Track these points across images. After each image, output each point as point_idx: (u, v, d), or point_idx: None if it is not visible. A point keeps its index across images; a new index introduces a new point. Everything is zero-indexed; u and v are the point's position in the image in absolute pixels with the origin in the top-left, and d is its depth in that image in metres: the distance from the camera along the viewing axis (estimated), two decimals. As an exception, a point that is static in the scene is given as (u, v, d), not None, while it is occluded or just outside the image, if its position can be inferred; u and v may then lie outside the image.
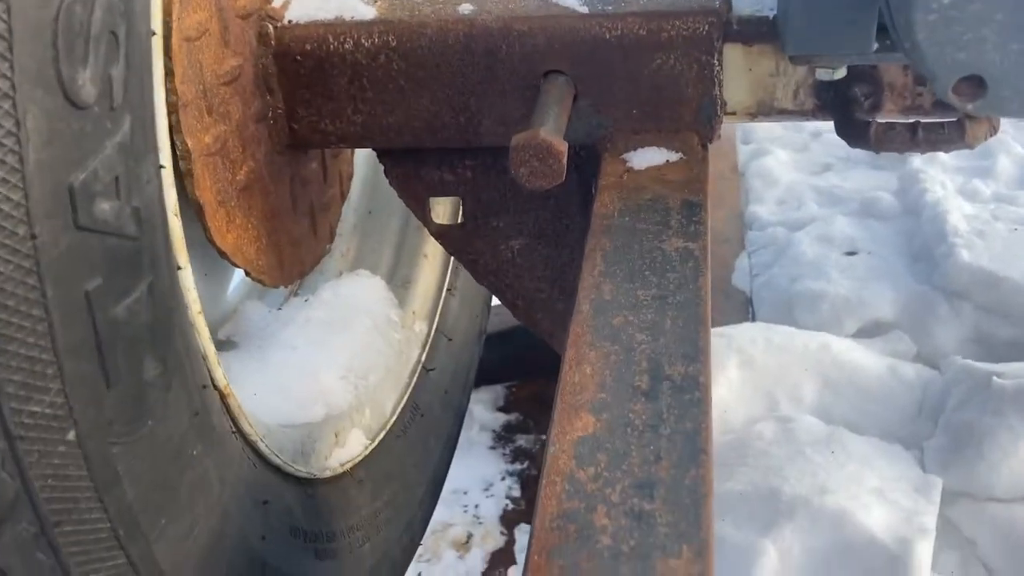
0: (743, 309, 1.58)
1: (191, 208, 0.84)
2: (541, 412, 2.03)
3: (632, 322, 0.73)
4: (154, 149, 0.57)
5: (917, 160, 1.69)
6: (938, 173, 1.67)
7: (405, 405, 1.20)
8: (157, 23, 0.65)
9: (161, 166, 0.60)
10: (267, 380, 1.05)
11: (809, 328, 1.45)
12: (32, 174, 0.43)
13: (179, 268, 0.63)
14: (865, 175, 1.75)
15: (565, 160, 0.83)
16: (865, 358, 1.30)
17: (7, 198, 0.43)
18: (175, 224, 0.63)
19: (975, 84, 0.56)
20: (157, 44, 0.66)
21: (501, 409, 2.02)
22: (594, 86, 0.93)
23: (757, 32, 0.90)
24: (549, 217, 1.07)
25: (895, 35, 0.58)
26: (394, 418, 1.17)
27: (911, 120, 0.84)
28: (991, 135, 0.82)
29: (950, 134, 0.82)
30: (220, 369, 0.76)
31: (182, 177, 0.81)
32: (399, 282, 1.36)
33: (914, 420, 1.23)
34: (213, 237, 0.88)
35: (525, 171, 0.84)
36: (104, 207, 0.48)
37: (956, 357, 1.32)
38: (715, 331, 1.36)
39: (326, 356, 1.14)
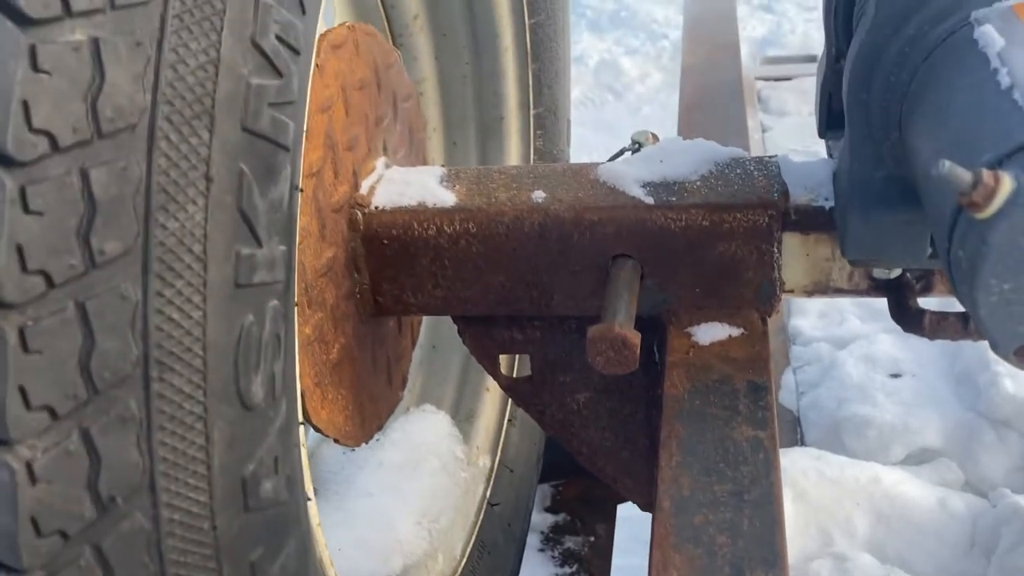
0: (792, 429, 1.63)
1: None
2: (589, 512, 2.06)
3: (712, 521, 0.78)
4: (297, 413, 0.64)
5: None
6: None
7: (474, 545, 1.26)
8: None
9: (301, 422, 0.66)
10: (349, 533, 1.11)
11: (858, 453, 1.50)
12: (216, 476, 0.50)
13: (308, 499, 0.70)
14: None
15: (638, 351, 0.90)
16: (915, 490, 1.34)
17: (196, 500, 0.50)
18: (306, 464, 0.70)
19: (1033, 351, 0.62)
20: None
21: (549, 509, 2.05)
22: (660, 269, 1.00)
23: (814, 222, 0.97)
24: (616, 376, 1.14)
25: (957, 290, 0.64)
26: (464, 560, 1.23)
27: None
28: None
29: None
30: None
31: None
32: (463, 416, 1.42)
33: (967, 555, 1.27)
34: (309, 416, 0.95)
35: (601, 360, 0.91)
36: (267, 486, 0.55)
37: (1006, 490, 1.36)
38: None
39: (401, 502, 1.20)
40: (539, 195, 1.03)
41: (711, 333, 1.00)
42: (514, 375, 1.23)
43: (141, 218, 0.48)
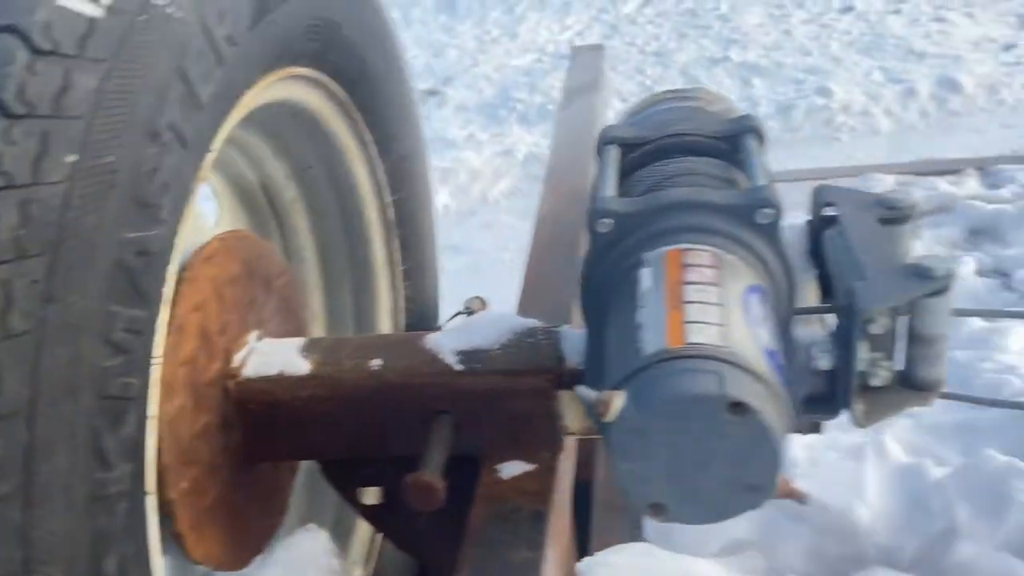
0: (637, 525, 1.89)
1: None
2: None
3: (481, 628, 1.04)
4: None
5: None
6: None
7: (349, 648, 1.49)
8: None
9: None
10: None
11: (684, 546, 1.77)
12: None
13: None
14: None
15: (442, 493, 1.17)
16: (720, 578, 1.61)
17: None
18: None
19: (660, 508, 0.90)
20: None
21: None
22: (472, 421, 1.27)
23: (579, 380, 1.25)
24: (453, 502, 1.40)
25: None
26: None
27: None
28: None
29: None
30: None
31: (164, 520, 1.14)
32: (341, 532, 1.67)
33: (759, 633, 1.54)
34: (190, 553, 1.20)
35: (415, 500, 1.18)
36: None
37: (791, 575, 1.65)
38: (598, 556, 1.68)
39: (279, 615, 1.43)
40: (376, 363, 1.30)
41: (512, 469, 1.28)
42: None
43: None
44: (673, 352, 0.87)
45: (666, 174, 1.18)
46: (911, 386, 1.13)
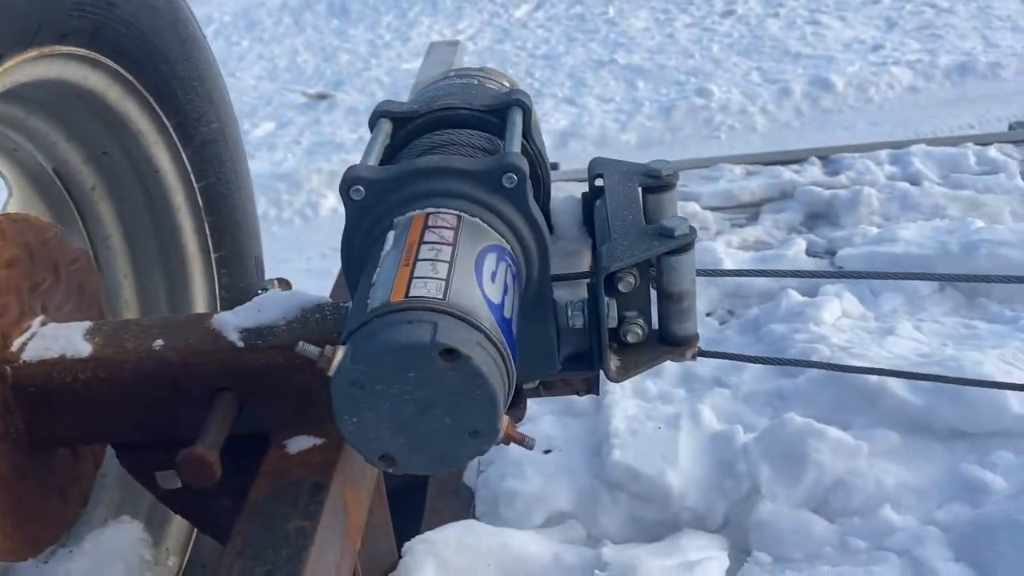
0: (468, 504, 1.92)
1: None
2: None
3: (245, 595, 1.05)
4: None
5: (608, 363, 2.11)
6: (622, 374, 2.08)
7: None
8: None
9: None
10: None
11: (509, 521, 1.81)
12: None
13: None
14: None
15: (215, 468, 1.17)
16: (537, 548, 1.64)
17: None
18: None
19: (389, 459, 0.92)
20: None
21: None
22: (255, 398, 1.28)
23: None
24: (247, 481, 1.40)
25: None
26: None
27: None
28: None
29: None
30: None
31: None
32: (156, 522, 1.64)
33: (574, 598, 1.58)
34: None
35: (188, 476, 1.18)
36: None
37: (607, 541, 1.70)
38: (419, 538, 1.70)
39: (82, 606, 1.40)
40: (159, 343, 1.29)
41: (299, 444, 1.28)
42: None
43: None
44: (392, 306, 0.90)
45: (431, 145, 1.21)
46: (666, 342, 1.19)
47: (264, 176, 6.56)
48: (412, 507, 2.05)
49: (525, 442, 0.96)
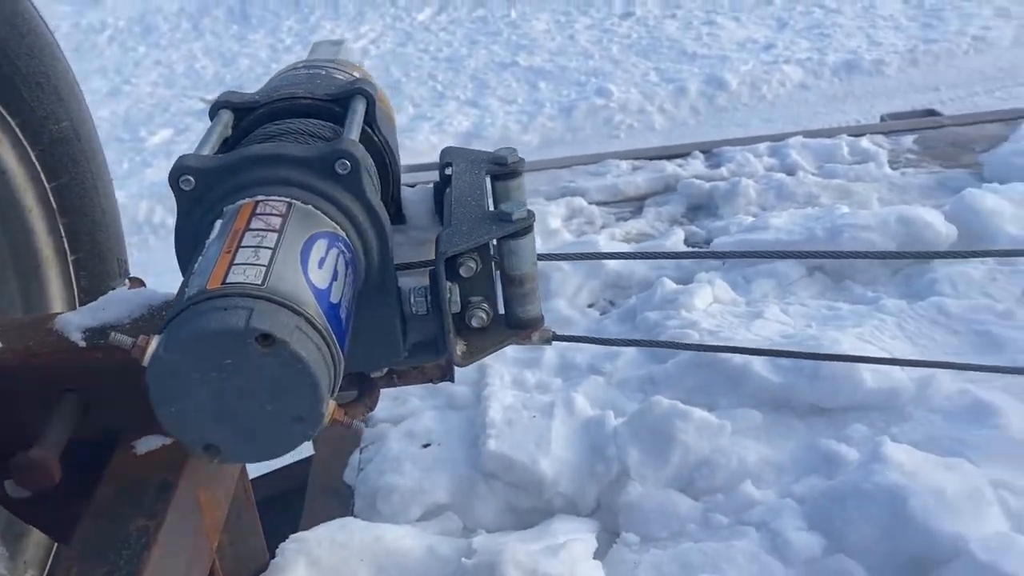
0: (347, 503, 1.91)
1: None
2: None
3: (81, 598, 1.02)
4: None
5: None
6: (502, 366, 2.10)
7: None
8: None
9: None
10: None
11: (387, 516, 1.80)
12: None
13: None
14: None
15: (55, 471, 1.13)
16: (411, 541, 1.64)
17: None
18: None
19: (214, 449, 0.91)
20: None
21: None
22: (100, 399, 1.24)
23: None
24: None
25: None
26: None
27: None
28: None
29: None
30: None
31: None
32: (12, 536, 1.58)
33: (448, 588, 1.58)
34: None
35: (23, 481, 1.14)
36: None
37: (481, 531, 1.71)
38: (292, 537, 1.68)
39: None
40: (-3, 346, 1.25)
41: (148, 444, 1.26)
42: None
43: None
44: (208, 293, 0.88)
45: (270, 134, 1.20)
46: (511, 325, 1.20)
47: (162, 184, 6.38)
48: (295, 510, 2.03)
49: (354, 427, 0.96)
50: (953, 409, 1.70)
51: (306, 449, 2.17)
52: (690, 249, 2.51)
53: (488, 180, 1.32)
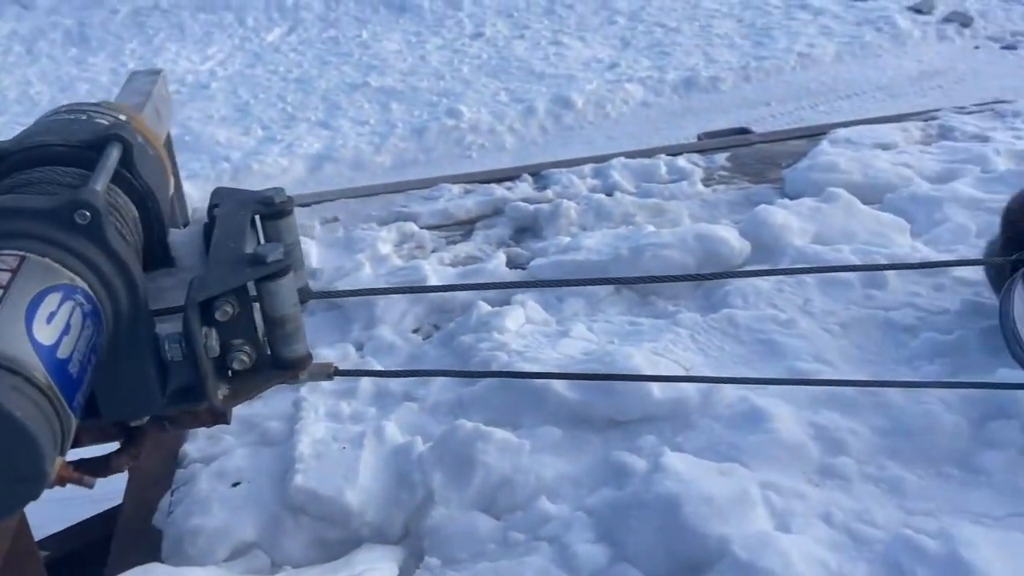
0: (157, 547, 1.87)
1: None
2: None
3: None
4: None
5: (304, 388, 2.12)
6: (317, 398, 2.11)
7: None
8: None
9: None
10: None
11: (195, 559, 1.77)
12: None
13: None
14: (264, 403, 2.14)
15: None
16: (213, 583, 1.63)
17: None
18: None
19: None
20: None
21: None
22: None
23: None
24: None
25: None
26: None
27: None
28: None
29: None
30: None
31: None
32: None
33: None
34: None
35: None
36: None
37: (287, 567, 1.71)
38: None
39: None
40: None
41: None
42: None
43: None
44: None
45: (16, 184, 1.18)
46: (278, 365, 1.22)
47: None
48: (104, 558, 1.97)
49: (84, 482, 0.95)
50: (732, 416, 1.81)
51: (116, 497, 2.11)
52: (506, 281, 2.57)
53: (257, 220, 1.33)
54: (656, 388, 1.87)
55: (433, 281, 2.62)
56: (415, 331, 2.53)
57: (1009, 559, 1.41)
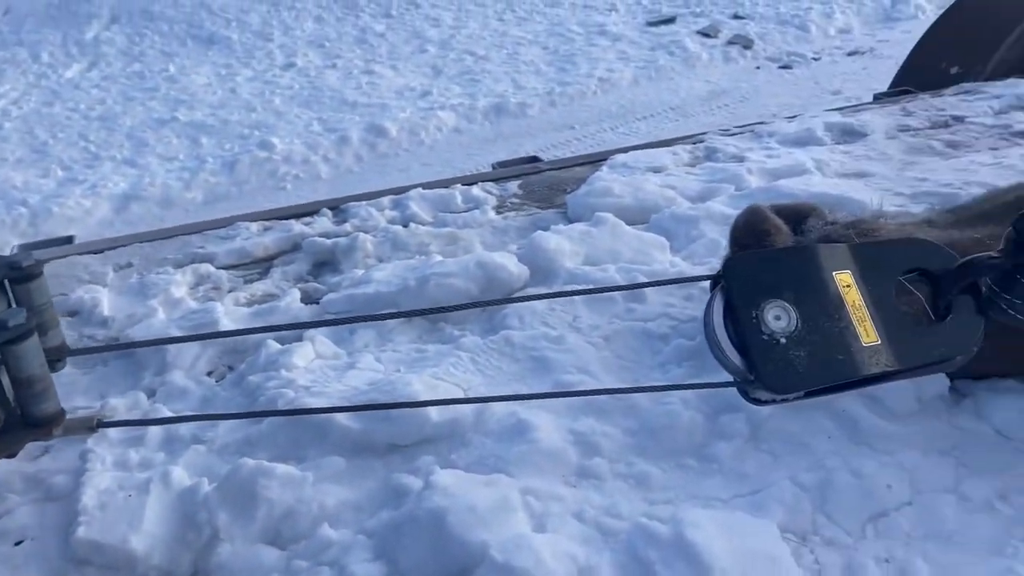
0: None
1: None
2: None
3: None
4: None
5: (91, 440, 2.13)
6: (105, 448, 2.12)
7: None
8: None
9: None
10: None
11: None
12: None
13: None
14: (51, 458, 2.13)
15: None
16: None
17: None
18: None
19: None
20: None
21: None
22: None
23: None
24: None
25: None
26: None
27: None
28: None
29: None
30: None
31: None
32: None
33: None
34: None
35: None
36: None
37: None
38: None
39: None
40: None
41: None
42: None
43: None
44: None
45: None
46: (30, 424, 1.27)
47: None
48: None
49: None
50: (501, 431, 1.98)
51: None
52: (296, 322, 2.65)
53: (7, 284, 1.37)
54: (433, 411, 2.01)
55: (225, 323, 2.66)
56: (209, 374, 2.56)
57: (728, 534, 1.63)
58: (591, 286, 2.55)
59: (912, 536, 1.73)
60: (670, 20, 10.31)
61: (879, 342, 1.63)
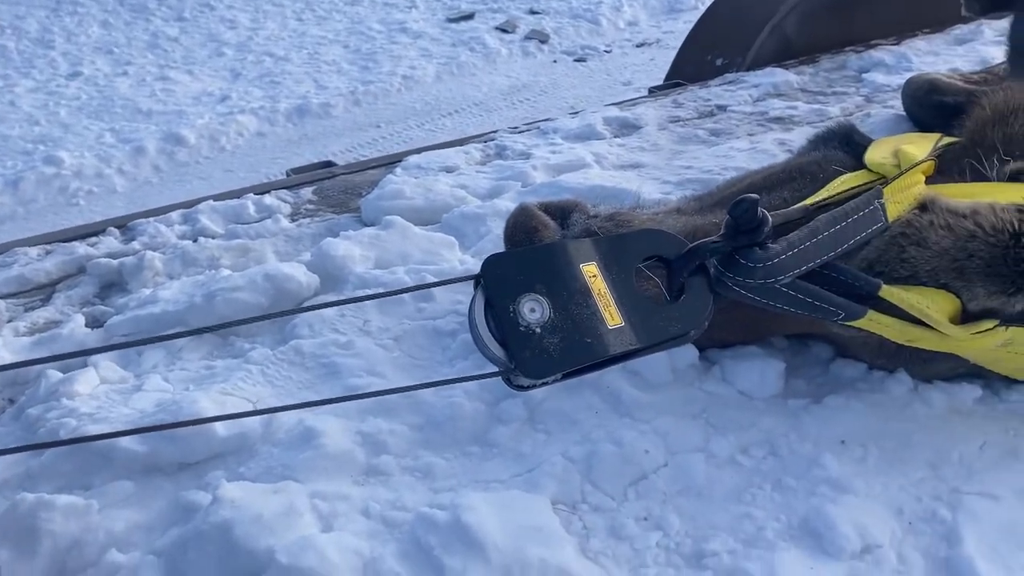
0: None
1: None
2: None
3: None
4: None
5: None
6: None
7: None
8: None
9: None
10: None
11: None
12: None
13: None
14: None
15: None
16: None
17: None
18: None
19: None
20: None
21: None
22: None
23: None
24: None
25: None
26: None
27: None
28: None
29: None
30: None
31: None
32: None
33: None
34: None
35: None
36: None
37: None
38: None
39: None
40: None
41: None
42: None
43: None
44: None
45: None
46: None
47: None
48: None
49: None
50: (290, 440, 2.03)
51: None
52: (77, 350, 2.59)
53: None
54: (220, 427, 2.04)
55: (4, 355, 2.57)
56: (-9, 410, 2.47)
57: (501, 513, 1.77)
58: (381, 290, 2.64)
59: (667, 494, 1.93)
60: (469, 16, 10.51)
61: (623, 324, 1.81)
